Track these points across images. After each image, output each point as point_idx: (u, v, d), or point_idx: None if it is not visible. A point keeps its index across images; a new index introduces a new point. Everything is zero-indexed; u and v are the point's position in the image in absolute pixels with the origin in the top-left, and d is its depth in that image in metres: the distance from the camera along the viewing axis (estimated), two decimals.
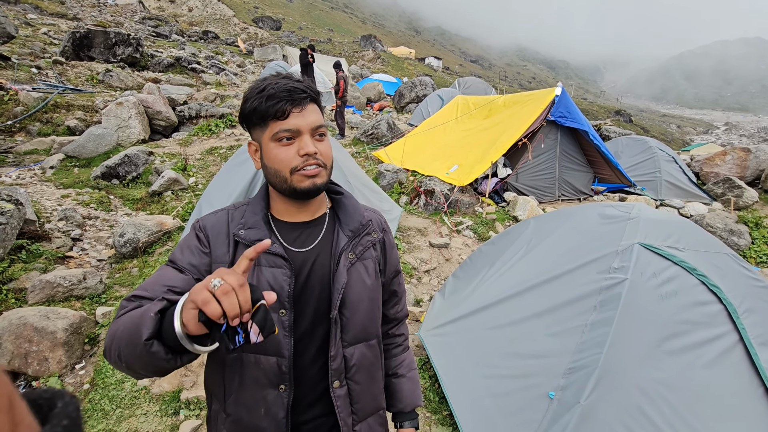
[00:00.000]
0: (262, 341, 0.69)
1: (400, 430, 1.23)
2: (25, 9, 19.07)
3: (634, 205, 2.51)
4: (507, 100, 7.32)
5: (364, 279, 1.04)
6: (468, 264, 3.42)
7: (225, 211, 1.04)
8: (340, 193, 1.12)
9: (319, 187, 0.96)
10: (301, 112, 0.93)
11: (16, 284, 3.64)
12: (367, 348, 1.06)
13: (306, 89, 0.94)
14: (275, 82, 0.93)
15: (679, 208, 6.79)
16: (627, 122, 40.88)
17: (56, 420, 0.32)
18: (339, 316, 0.99)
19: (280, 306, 0.94)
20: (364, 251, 1.06)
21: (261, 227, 0.98)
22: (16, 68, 9.75)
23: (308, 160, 0.93)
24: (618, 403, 1.83)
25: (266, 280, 0.94)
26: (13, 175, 6.22)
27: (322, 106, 1.02)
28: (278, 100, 0.91)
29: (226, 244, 0.98)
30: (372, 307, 1.07)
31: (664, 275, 2.07)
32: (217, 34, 32.36)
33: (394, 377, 1.25)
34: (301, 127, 0.93)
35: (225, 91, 12.95)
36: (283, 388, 0.95)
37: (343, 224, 1.06)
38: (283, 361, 0.94)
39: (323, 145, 0.96)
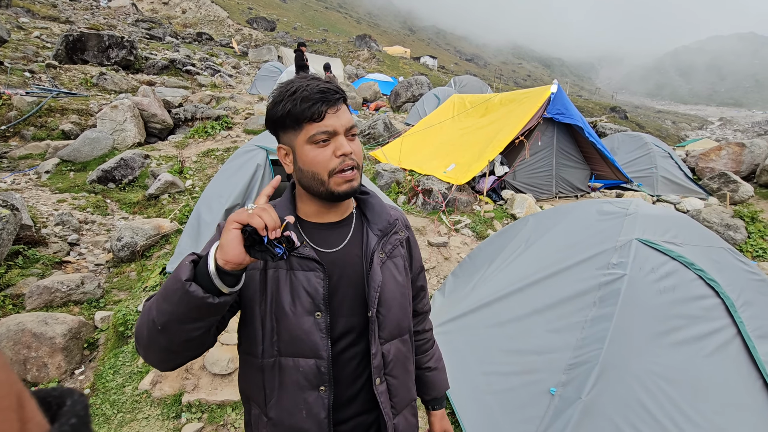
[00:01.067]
0: (298, 247, 0.81)
1: (433, 412, 1.30)
2: (16, 12, 18.93)
3: (631, 201, 2.53)
4: (503, 98, 7.33)
5: (395, 276, 1.06)
6: (467, 262, 3.43)
7: None
8: (366, 193, 1.12)
9: (356, 190, 0.97)
10: (336, 112, 0.93)
11: (13, 290, 3.62)
12: (401, 343, 1.08)
13: (337, 90, 0.95)
14: (306, 84, 0.93)
15: (675, 204, 6.83)
16: (622, 119, 41.06)
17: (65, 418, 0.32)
18: (376, 314, 1.00)
19: (315, 308, 0.95)
20: (393, 249, 1.08)
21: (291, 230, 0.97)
22: (9, 72, 9.68)
23: (345, 160, 0.93)
24: (619, 397, 1.84)
25: (300, 284, 0.95)
26: (8, 181, 6.19)
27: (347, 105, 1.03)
28: (314, 102, 0.91)
29: None
30: (404, 303, 1.08)
31: (662, 270, 2.09)
32: (211, 35, 32.25)
33: (427, 371, 1.29)
34: (337, 127, 0.93)
35: (220, 92, 12.91)
36: (323, 389, 0.95)
37: (371, 224, 1.07)
38: (322, 363, 0.95)
39: (356, 145, 0.97)
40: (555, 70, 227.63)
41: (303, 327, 0.94)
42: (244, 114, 10.45)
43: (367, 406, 1.04)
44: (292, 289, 0.95)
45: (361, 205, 1.12)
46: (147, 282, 3.84)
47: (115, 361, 2.98)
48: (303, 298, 0.94)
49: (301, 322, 0.94)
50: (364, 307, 1.02)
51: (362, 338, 1.02)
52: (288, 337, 0.94)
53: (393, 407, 1.05)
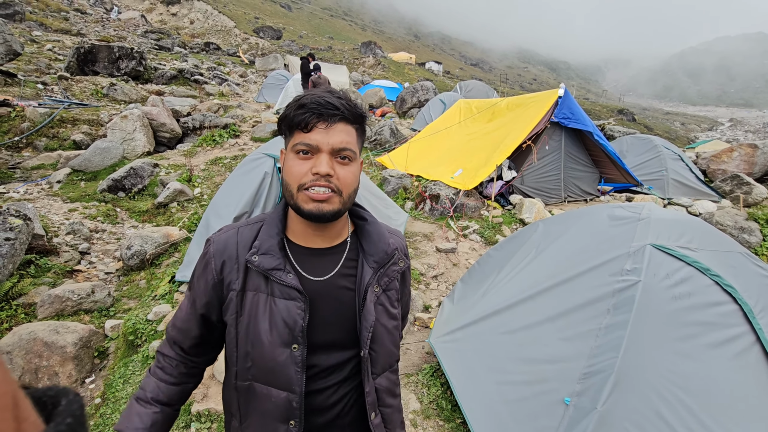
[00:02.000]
0: None
1: None
2: (30, 26, 19.38)
3: (644, 206, 2.48)
4: (510, 102, 7.31)
5: (389, 310, 1.02)
6: (476, 269, 3.39)
7: (234, 231, 0.98)
8: (364, 219, 1.05)
9: (325, 214, 0.88)
10: (326, 128, 0.87)
11: (25, 299, 3.66)
12: (391, 373, 1.06)
13: (340, 106, 0.88)
14: (315, 94, 0.89)
15: (687, 207, 6.72)
16: (630, 121, 40.74)
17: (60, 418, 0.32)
18: (369, 352, 0.96)
19: (292, 341, 0.90)
20: (389, 282, 1.02)
21: (275, 253, 0.92)
22: (23, 85, 9.89)
23: (319, 180, 0.86)
24: (635, 407, 1.79)
25: (279, 313, 0.90)
26: (20, 191, 6.29)
27: (361, 127, 0.95)
28: (305, 111, 0.87)
29: (236, 269, 0.94)
30: (395, 336, 1.05)
31: (677, 276, 2.04)
32: (218, 45, 32.70)
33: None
34: (321, 144, 0.87)
35: (228, 101, 13.06)
36: (293, 423, 0.92)
37: (367, 254, 1.00)
38: (294, 398, 0.91)
39: (344, 170, 0.89)
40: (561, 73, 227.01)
41: (277, 359, 0.90)
42: (252, 122, 10.55)
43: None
44: (270, 317, 0.90)
45: (358, 233, 1.04)
46: (156, 290, 3.85)
47: (125, 371, 2.99)
48: (280, 329, 0.89)
49: (276, 354, 0.89)
50: (351, 341, 0.97)
51: (342, 370, 0.98)
52: (262, 365, 0.91)
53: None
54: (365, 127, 0.99)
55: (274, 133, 9.33)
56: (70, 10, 27.63)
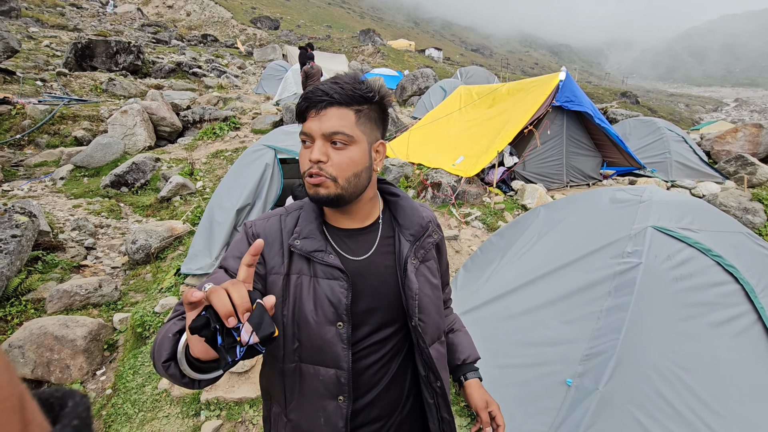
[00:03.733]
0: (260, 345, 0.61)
1: (467, 382, 1.16)
2: (26, 23, 19.27)
3: (645, 188, 2.48)
4: (511, 87, 7.23)
5: (430, 280, 1.04)
6: (478, 255, 3.41)
7: (277, 218, 1.02)
8: (396, 195, 1.08)
9: (321, 198, 0.91)
10: (317, 116, 0.90)
11: (34, 295, 3.71)
12: (440, 345, 1.08)
13: (329, 91, 0.90)
14: (314, 86, 0.93)
15: (690, 189, 6.68)
16: (633, 104, 40.25)
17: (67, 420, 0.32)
18: (418, 323, 0.98)
19: (337, 319, 0.93)
20: (426, 254, 1.05)
21: (316, 236, 0.96)
22: (22, 82, 9.88)
23: (312, 166, 0.90)
24: (637, 387, 1.82)
25: (324, 293, 0.93)
26: (25, 188, 6.33)
27: (367, 108, 0.95)
28: (303, 101, 0.92)
29: (281, 254, 0.97)
30: (439, 305, 1.07)
31: (678, 257, 2.05)
32: (216, 37, 32.42)
33: (450, 333, 1.24)
34: (313, 131, 0.90)
35: (227, 93, 13.00)
36: (342, 399, 0.94)
37: (403, 228, 1.04)
38: (342, 374, 0.93)
39: (338, 155, 0.91)
40: (563, 57, 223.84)
41: (324, 337, 0.93)
42: (252, 114, 10.51)
43: (384, 412, 1.02)
44: (315, 298, 0.93)
45: (392, 208, 1.08)
46: (162, 283, 3.90)
47: (135, 362, 3.04)
48: (325, 308, 0.93)
49: (323, 332, 0.93)
50: (395, 316, 1.00)
51: (385, 346, 1.00)
52: (309, 345, 0.94)
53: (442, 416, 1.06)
54: (379, 106, 0.98)
55: (274, 125, 9.30)
56: (65, 5, 27.42)
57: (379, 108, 0.98)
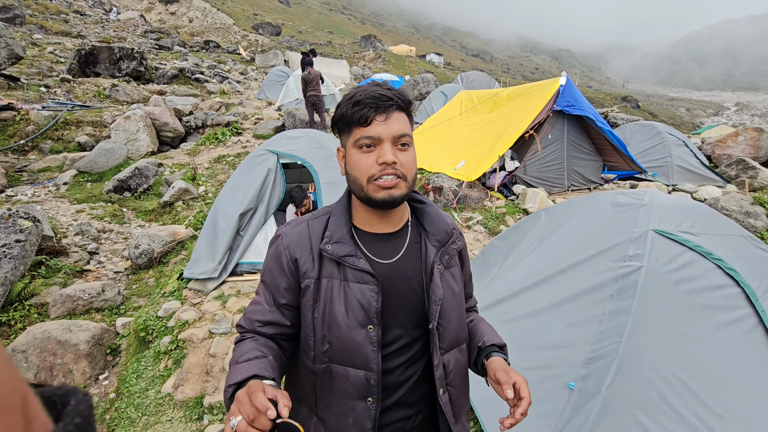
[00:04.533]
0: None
1: (489, 361, 1.06)
2: (30, 30, 19.45)
3: (646, 192, 2.49)
4: (511, 92, 7.27)
5: (453, 288, 1.06)
6: (480, 259, 3.42)
7: (305, 224, 1.04)
8: (423, 202, 1.11)
9: (396, 199, 0.94)
10: (384, 120, 0.92)
11: (37, 299, 3.73)
12: (459, 353, 1.08)
13: (393, 97, 0.93)
14: (366, 90, 0.94)
15: (692, 193, 6.69)
16: (634, 108, 40.35)
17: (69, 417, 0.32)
18: (437, 326, 1.00)
19: (368, 322, 0.95)
20: (450, 260, 1.07)
21: (347, 241, 0.98)
22: (26, 88, 9.96)
23: (386, 169, 0.91)
24: (639, 390, 1.82)
25: (354, 296, 0.95)
26: (28, 193, 6.37)
27: (409, 113, 1.00)
28: (363, 107, 0.92)
29: (311, 259, 0.99)
30: (461, 313, 1.08)
31: (679, 261, 2.05)
32: (218, 43, 32.65)
33: (470, 323, 1.22)
34: (383, 134, 0.92)
35: (229, 99, 13.08)
36: (371, 400, 0.95)
37: (430, 234, 1.06)
38: (372, 375, 0.95)
39: (405, 156, 0.94)
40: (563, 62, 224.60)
41: (355, 339, 0.94)
42: (254, 119, 10.57)
43: (410, 412, 1.04)
44: (345, 301, 0.95)
45: (418, 215, 1.10)
46: (165, 288, 3.91)
47: (138, 366, 3.05)
48: (356, 311, 0.95)
49: (353, 335, 0.94)
50: (419, 319, 1.02)
51: (411, 348, 1.02)
52: (340, 347, 0.95)
53: (455, 415, 1.05)
54: (411, 113, 1.03)
55: (276, 130, 9.34)
56: (69, 12, 27.68)
57: (411, 114, 1.03)
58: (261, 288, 1.04)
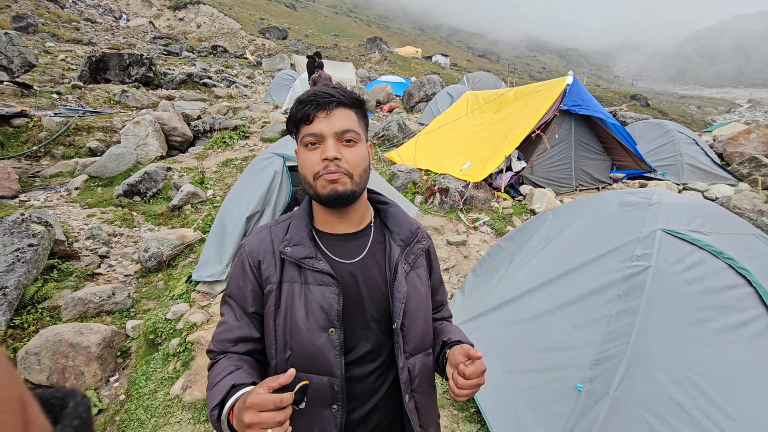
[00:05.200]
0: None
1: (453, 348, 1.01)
2: (43, 38, 19.85)
3: (654, 191, 2.46)
4: (517, 92, 7.24)
5: (418, 288, 1.04)
6: (487, 260, 3.40)
7: (267, 230, 1.04)
8: (386, 203, 1.11)
9: (341, 194, 0.92)
10: (326, 116, 0.92)
11: (50, 302, 3.79)
12: (425, 357, 1.06)
13: (335, 94, 0.94)
14: (312, 89, 0.95)
15: (703, 191, 6.59)
16: (643, 106, 39.88)
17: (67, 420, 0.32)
18: (401, 327, 0.98)
19: (329, 325, 0.93)
20: (415, 260, 1.06)
21: (306, 243, 0.97)
22: (38, 95, 10.15)
23: (329, 165, 0.91)
24: (648, 392, 1.80)
25: (315, 299, 0.94)
26: (41, 198, 6.48)
27: (361, 111, 1.00)
28: (305, 105, 0.93)
29: (273, 263, 0.98)
30: (427, 315, 1.06)
31: (688, 260, 2.02)
32: (225, 48, 33.00)
33: (438, 325, 1.19)
34: (324, 131, 0.92)
35: (236, 103, 13.20)
36: (336, 407, 0.93)
37: (394, 234, 1.05)
38: (335, 381, 0.93)
39: (351, 152, 0.94)
40: (571, 61, 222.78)
41: (316, 344, 0.93)
42: (261, 123, 10.65)
43: (385, 421, 1.01)
44: (306, 305, 0.94)
45: (382, 216, 1.10)
46: (174, 290, 3.95)
47: (147, 368, 3.08)
48: (317, 314, 0.93)
49: (314, 339, 0.92)
50: (385, 320, 0.99)
51: (381, 354, 1.00)
52: (301, 353, 0.93)
53: (422, 426, 1.02)
54: (366, 112, 1.03)
55: (282, 133, 9.40)
56: (80, 20, 28.19)
57: (365, 113, 1.03)
58: (225, 307, 1.02)
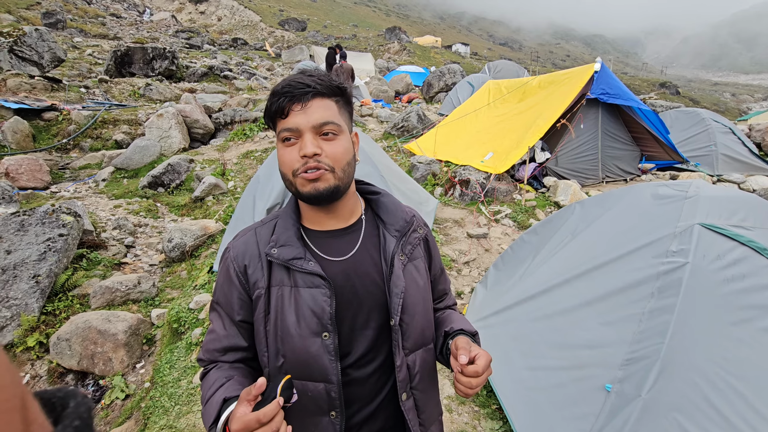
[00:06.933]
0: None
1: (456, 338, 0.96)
2: (71, 33, 20.42)
3: (691, 183, 2.33)
4: (542, 80, 7.01)
5: (417, 281, 0.98)
6: (509, 254, 3.32)
7: (252, 232, 0.98)
8: (377, 193, 1.05)
9: (322, 193, 0.86)
10: (302, 109, 0.85)
11: (79, 290, 3.91)
12: (426, 353, 1.01)
13: (311, 83, 0.86)
14: (286, 79, 0.88)
15: (739, 183, 6.27)
16: (674, 95, 38.28)
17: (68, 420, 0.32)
18: (399, 323, 0.92)
19: (322, 329, 0.88)
20: (413, 250, 0.99)
21: (294, 243, 0.91)
22: (67, 89, 10.45)
23: (308, 162, 0.84)
24: (683, 395, 1.71)
25: (305, 303, 0.88)
26: (70, 190, 6.69)
27: (342, 99, 0.92)
28: (279, 97, 0.86)
29: (260, 267, 0.93)
30: (427, 308, 1.01)
31: (729, 257, 1.91)
32: (245, 40, 33.25)
33: (441, 315, 1.13)
34: (301, 125, 0.85)
35: (257, 95, 13.28)
36: (334, 414, 0.89)
37: (387, 225, 0.99)
38: (332, 387, 0.88)
39: (331, 145, 0.87)
40: (597, 48, 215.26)
41: (309, 350, 0.88)
42: None
43: (390, 422, 0.97)
44: (296, 309, 0.88)
45: (373, 206, 1.03)
46: (197, 280, 4.02)
47: (171, 356, 3.15)
48: (308, 319, 0.87)
49: (307, 345, 0.88)
50: (382, 317, 0.94)
51: (380, 353, 0.95)
52: (294, 360, 0.89)
53: (422, 424, 0.97)
54: (349, 99, 0.95)
55: None
56: (106, 15, 28.86)
57: (347, 100, 0.95)
58: (213, 315, 0.98)
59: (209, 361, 0.96)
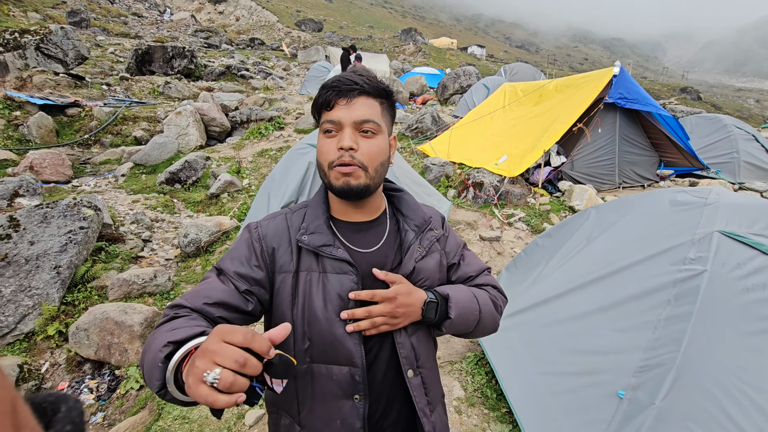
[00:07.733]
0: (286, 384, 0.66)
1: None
2: (94, 32, 20.94)
3: (711, 189, 2.28)
4: (559, 84, 6.94)
5: (430, 266, 1.01)
6: (522, 257, 3.30)
7: (283, 217, 1.01)
8: (399, 190, 1.10)
9: (353, 189, 0.89)
10: (346, 104, 0.89)
11: (98, 282, 4.01)
12: (424, 333, 1.02)
13: (359, 81, 0.90)
14: (338, 75, 0.93)
15: (762, 192, 6.12)
16: (695, 100, 37.47)
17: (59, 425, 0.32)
18: None
19: None
20: (430, 245, 1.03)
21: (323, 231, 0.95)
22: (90, 86, 10.72)
23: (343, 155, 0.88)
24: (698, 404, 1.68)
25: (333, 288, 0.91)
26: (91, 184, 6.86)
27: (387, 102, 0.96)
28: (327, 91, 0.91)
29: (289, 251, 0.95)
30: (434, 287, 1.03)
31: (749, 266, 1.86)
32: (262, 40, 33.64)
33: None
34: (343, 119, 0.89)
35: (272, 94, 13.43)
36: (358, 398, 0.91)
37: (407, 219, 1.04)
38: (356, 371, 0.90)
39: (368, 143, 0.90)
40: (615, 51, 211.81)
41: (336, 333, 0.90)
42: (295, 114, 10.79)
43: (405, 412, 0.99)
44: (324, 293, 0.91)
45: (395, 202, 1.09)
46: None
47: None
48: (335, 303, 0.90)
49: (333, 328, 0.90)
50: None
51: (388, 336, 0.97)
52: (320, 343, 0.90)
53: (429, 403, 0.99)
54: (393, 103, 0.99)
55: (316, 125, 9.49)
56: (128, 15, 29.52)
57: (392, 104, 0.99)
58: (213, 273, 0.93)
59: (188, 308, 0.82)
